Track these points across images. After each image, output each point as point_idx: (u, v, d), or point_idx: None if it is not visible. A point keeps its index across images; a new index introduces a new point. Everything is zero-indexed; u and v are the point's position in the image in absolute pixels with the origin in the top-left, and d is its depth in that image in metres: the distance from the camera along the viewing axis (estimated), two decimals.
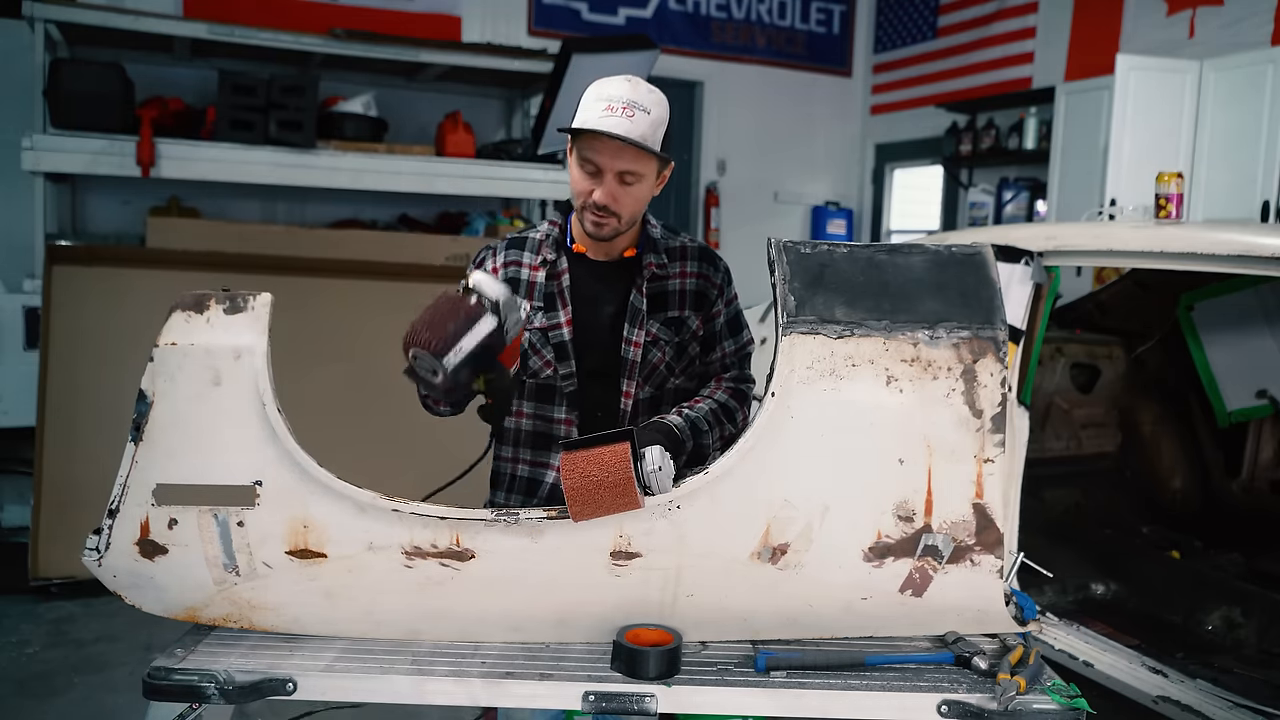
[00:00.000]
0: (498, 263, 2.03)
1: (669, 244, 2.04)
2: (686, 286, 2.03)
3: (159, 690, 1.55)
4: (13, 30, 4.74)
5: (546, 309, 1.99)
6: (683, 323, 2.02)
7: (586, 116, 1.84)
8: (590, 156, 1.85)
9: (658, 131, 1.85)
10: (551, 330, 1.99)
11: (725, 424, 1.98)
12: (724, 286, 2.06)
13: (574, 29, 6.77)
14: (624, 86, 1.85)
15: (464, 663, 1.63)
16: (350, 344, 4.36)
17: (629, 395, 1.99)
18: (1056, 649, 2.72)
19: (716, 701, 1.57)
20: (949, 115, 6.98)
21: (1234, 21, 5.30)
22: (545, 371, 2.00)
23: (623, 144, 1.81)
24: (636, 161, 1.85)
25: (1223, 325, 3.81)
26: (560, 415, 2.01)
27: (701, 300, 2.03)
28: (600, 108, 1.83)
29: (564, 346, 1.99)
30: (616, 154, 1.83)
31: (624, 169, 1.85)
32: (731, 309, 2.08)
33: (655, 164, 1.90)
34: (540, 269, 2.00)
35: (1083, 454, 3.91)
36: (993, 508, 1.63)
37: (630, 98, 1.83)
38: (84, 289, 4.17)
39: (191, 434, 1.60)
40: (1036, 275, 2.77)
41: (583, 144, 1.86)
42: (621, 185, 1.86)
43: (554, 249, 2.01)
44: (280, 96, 4.80)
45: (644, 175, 1.88)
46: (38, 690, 3.21)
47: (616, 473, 1.56)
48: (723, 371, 2.08)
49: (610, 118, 1.81)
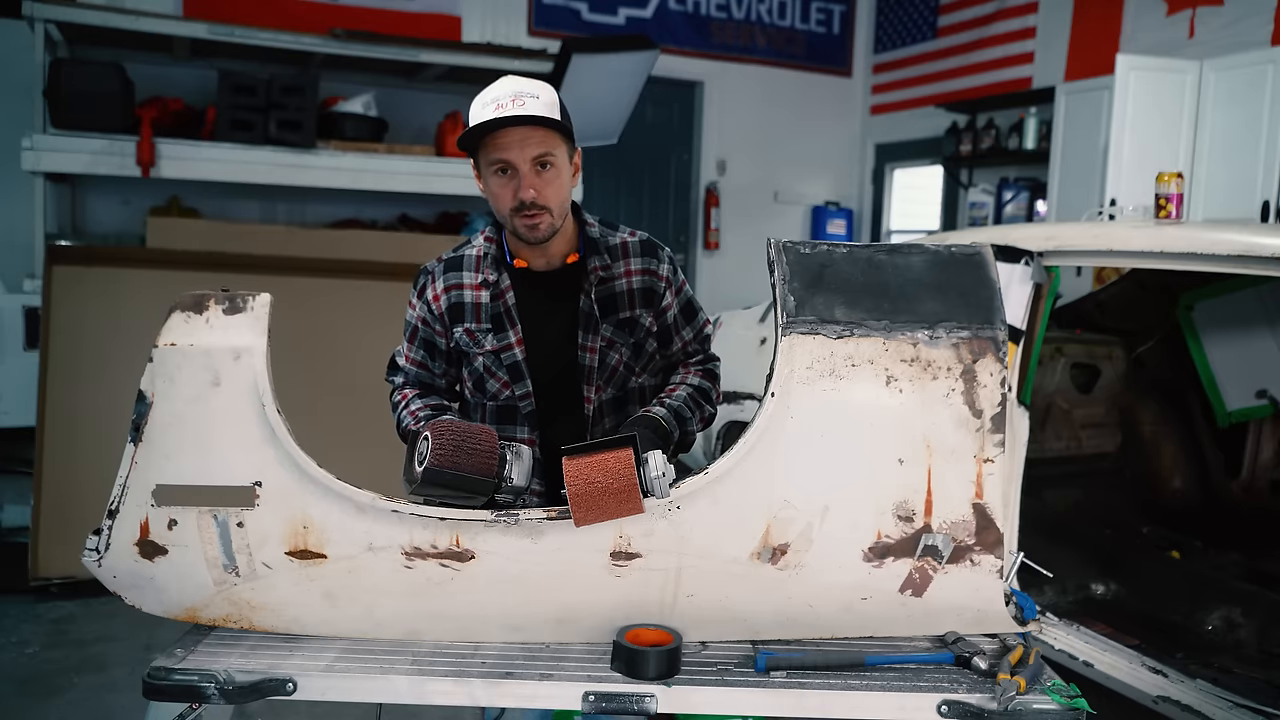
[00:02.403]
0: (438, 288, 1.99)
1: (609, 241, 2.01)
2: (634, 285, 2.00)
3: (159, 690, 1.55)
4: (13, 30, 4.74)
5: (495, 330, 1.97)
6: (635, 322, 2.00)
7: (479, 117, 1.82)
8: (499, 156, 1.83)
9: (554, 111, 1.83)
10: (503, 352, 1.97)
11: (704, 405, 2.00)
12: (670, 277, 2.03)
13: (574, 29, 6.77)
14: (508, 83, 1.84)
15: (464, 663, 1.63)
16: (350, 344, 4.36)
17: (589, 400, 1.99)
18: (1056, 649, 2.72)
19: (716, 701, 1.57)
20: (949, 115, 6.98)
21: (1234, 21, 5.30)
22: (504, 393, 1.99)
23: (524, 129, 1.79)
24: (545, 142, 1.82)
25: (1223, 325, 3.81)
26: (522, 435, 2.00)
27: (650, 296, 2.01)
28: (490, 110, 1.80)
29: (518, 367, 1.97)
30: (523, 141, 1.81)
31: (535, 153, 1.82)
32: (682, 297, 2.07)
33: (566, 147, 1.87)
34: (483, 289, 1.97)
35: (1083, 454, 3.90)
36: (993, 508, 1.63)
37: (517, 90, 1.81)
38: (84, 289, 4.17)
39: (191, 435, 1.60)
40: (1036, 275, 2.76)
41: (487, 148, 1.84)
42: (540, 175, 1.84)
43: (494, 268, 1.97)
44: (280, 96, 4.80)
45: (557, 156, 1.85)
46: (38, 690, 3.21)
47: (620, 478, 1.56)
48: (687, 359, 2.08)
49: (502, 111, 1.79)
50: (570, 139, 1.90)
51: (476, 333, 1.97)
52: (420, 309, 2.02)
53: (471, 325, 1.98)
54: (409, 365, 2.06)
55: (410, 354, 2.06)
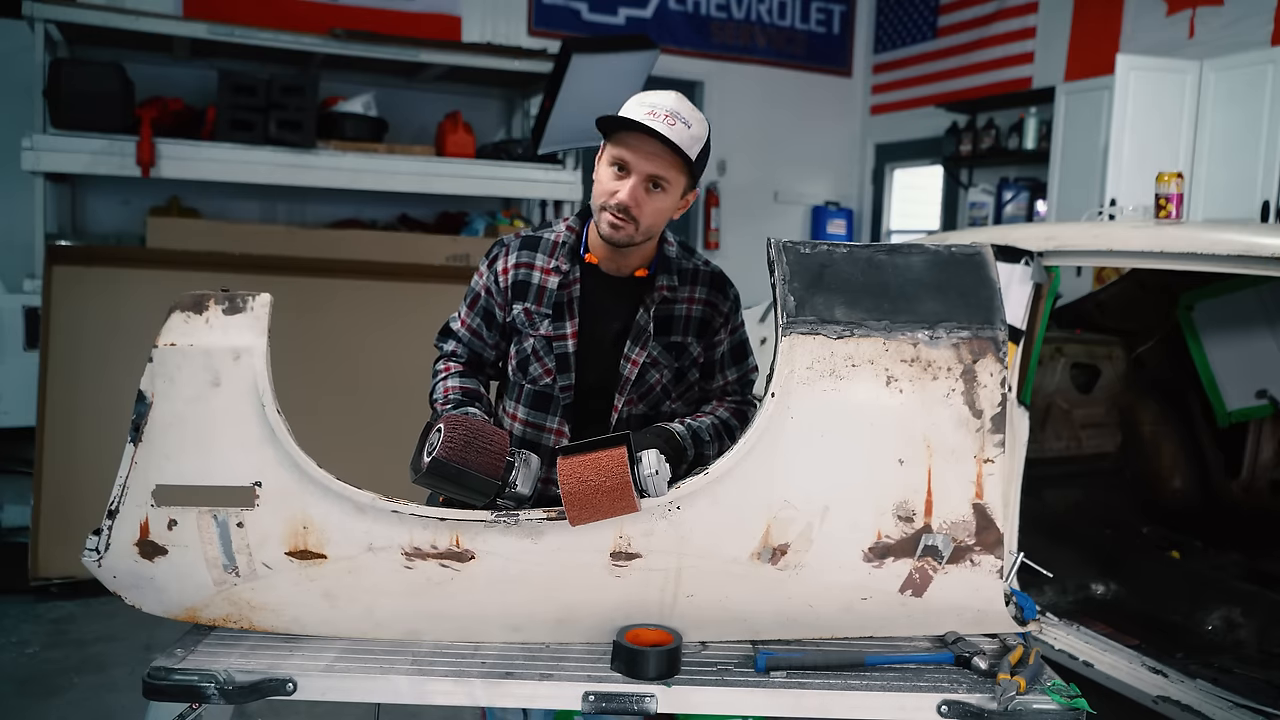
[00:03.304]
0: (509, 262, 2.01)
1: (682, 265, 2.02)
2: (693, 313, 2.02)
3: (159, 690, 1.55)
4: (13, 30, 4.74)
5: (554, 317, 1.98)
6: (684, 349, 2.02)
7: (629, 112, 1.82)
8: (622, 154, 1.83)
9: (695, 147, 1.84)
10: (556, 340, 1.98)
11: (726, 440, 1.97)
12: (730, 315, 2.05)
13: (574, 29, 6.77)
14: (670, 98, 1.85)
15: (464, 663, 1.63)
16: (350, 344, 4.36)
17: (617, 409, 1.99)
18: (1056, 649, 2.72)
19: (716, 701, 1.57)
20: (949, 115, 6.98)
21: (1234, 21, 5.30)
22: (544, 379, 2.00)
23: (658, 145, 1.80)
24: (668, 168, 1.83)
25: (1223, 325, 3.81)
26: (553, 424, 2.01)
27: (705, 327, 2.03)
28: (643, 110, 1.81)
29: (566, 358, 1.98)
30: (649, 155, 1.82)
31: (653, 172, 1.83)
32: (736, 337, 2.07)
33: (684, 179, 1.88)
34: (552, 274, 1.98)
35: (1083, 454, 3.91)
36: (993, 508, 1.63)
37: (674, 108, 1.82)
38: (84, 289, 4.16)
39: (191, 435, 1.60)
40: (1036, 275, 2.76)
41: (617, 140, 1.84)
42: (646, 191, 1.85)
43: (569, 257, 1.99)
44: (280, 96, 4.79)
45: (671, 185, 1.86)
46: (38, 690, 3.21)
47: (614, 477, 1.57)
48: (723, 396, 2.08)
49: (653, 121, 1.79)
50: (694, 178, 1.90)
51: (535, 315, 1.99)
52: (488, 278, 2.03)
53: (531, 306, 1.99)
54: (463, 330, 2.07)
55: (467, 320, 2.06)
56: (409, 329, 1.99)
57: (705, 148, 1.88)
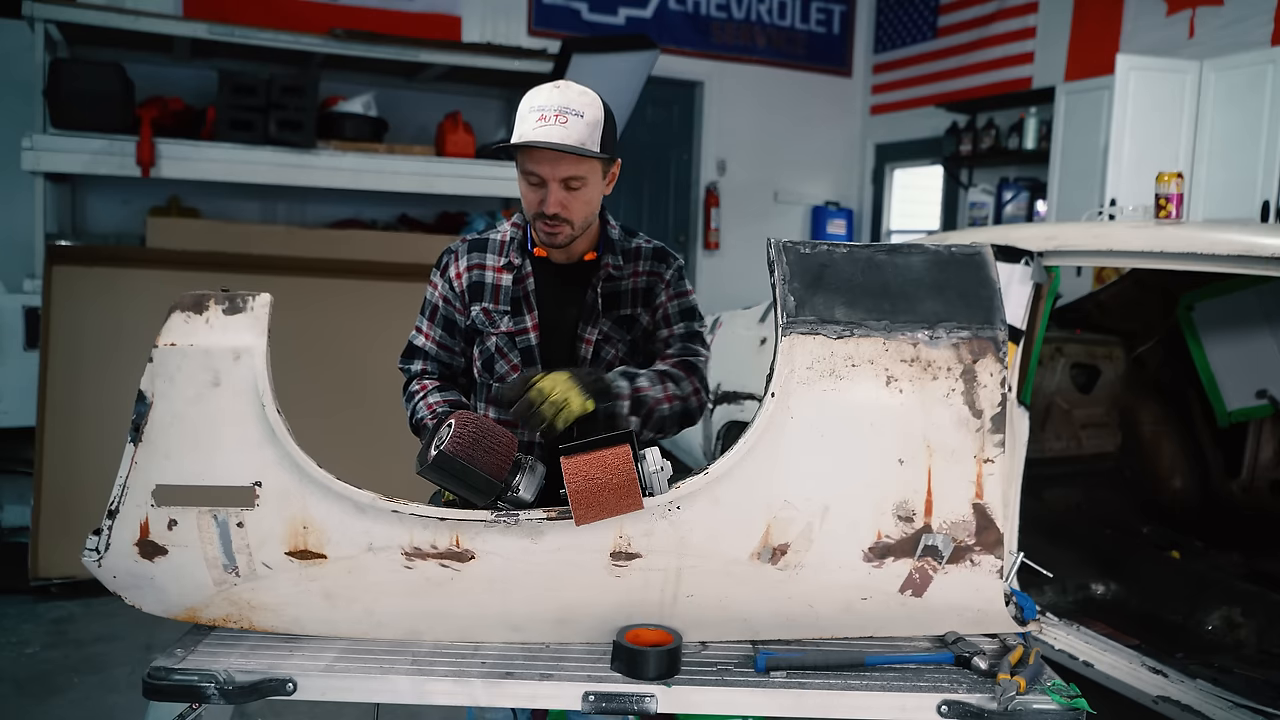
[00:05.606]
0: (461, 266, 2.04)
1: (625, 245, 2.06)
2: (638, 285, 2.05)
3: (159, 690, 1.55)
4: (13, 30, 4.74)
5: (513, 313, 2.01)
6: (634, 320, 2.05)
7: (522, 130, 1.85)
8: (532, 169, 1.87)
9: (595, 132, 1.85)
10: (519, 335, 2.01)
11: (668, 383, 1.93)
12: (673, 281, 2.07)
13: (574, 29, 6.77)
14: (554, 94, 1.86)
15: (464, 663, 1.63)
16: (350, 344, 4.36)
17: None
18: (1056, 649, 2.72)
19: (716, 701, 1.57)
20: (949, 115, 6.98)
21: (1234, 21, 5.30)
22: (511, 376, 2.01)
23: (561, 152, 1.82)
24: (577, 166, 1.86)
25: (1223, 325, 3.81)
26: None
27: (649, 295, 2.05)
28: (534, 119, 1.84)
29: (530, 351, 2.01)
30: (556, 162, 1.85)
31: (566, 175, 1.86)
32: (682, 301, 2.07)
33: (599, 165, 1.91)
34: (505, 271, 2.02)
35: (1083, 454, 3.91)
36: (993, 508, 1.63)
37: (561, 104, 1.84)
38: (84, 289, 4.16)
39: (191, 435, 1.60)
40: (1036, 275, 2.76)
41: (523, 157, 1.88)
42: (568, 191, 1.88)
43: (519, 253, 2.03)
44: (280, 96, 4.79)
45: (588, 178, 1.89)
46: (38, 690, 3.21)
47: (620, 474, 1.56)
48: (666, 353, 2.05)
49: (544, 127, 1.82)
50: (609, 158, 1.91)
51: (494, 313, 2.02)
52: (442, 287, 2.06)
53: (490, 305, 2.02)
54: (429, 344, 2.08)
55: (430, 333, 2.08)
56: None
57: (607, 124, 1.88)
